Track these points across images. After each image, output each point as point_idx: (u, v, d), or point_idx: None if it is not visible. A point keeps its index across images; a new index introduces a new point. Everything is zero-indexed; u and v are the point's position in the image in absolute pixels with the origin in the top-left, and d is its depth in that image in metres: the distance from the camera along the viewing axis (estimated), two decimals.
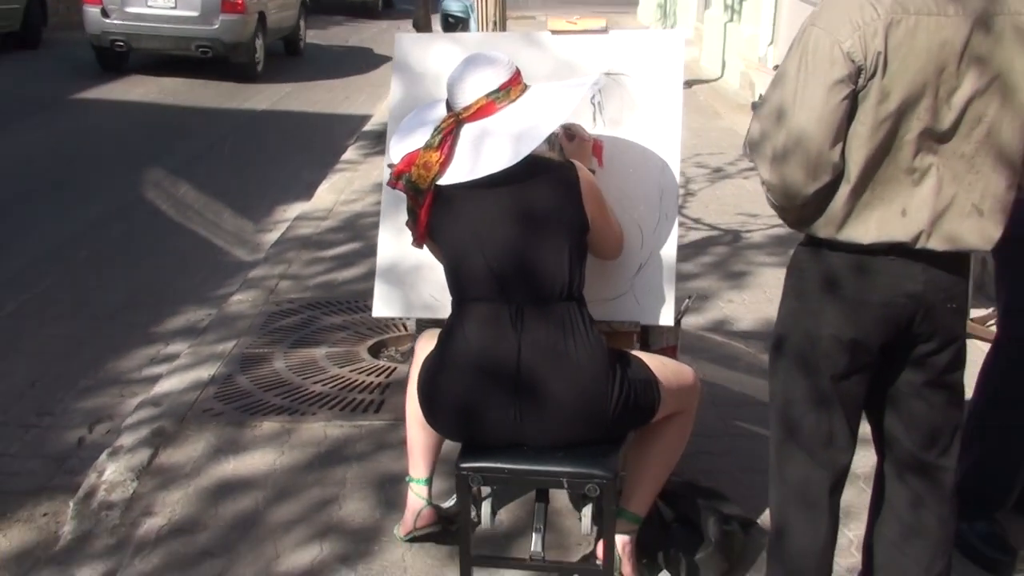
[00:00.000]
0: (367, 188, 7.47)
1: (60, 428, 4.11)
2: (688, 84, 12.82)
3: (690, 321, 4.89)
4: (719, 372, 4.34)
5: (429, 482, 3.05)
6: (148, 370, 4.63)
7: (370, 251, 5.80)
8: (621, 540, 2.82)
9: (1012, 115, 2.13)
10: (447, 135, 2.62)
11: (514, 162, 2.54)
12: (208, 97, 11.56)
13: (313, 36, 17.04)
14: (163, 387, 4.27)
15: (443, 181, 2.60)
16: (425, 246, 2.82)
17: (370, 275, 5.32)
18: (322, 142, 9.53)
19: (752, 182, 6.51)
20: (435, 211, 2.66)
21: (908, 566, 2.45)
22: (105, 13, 11.85)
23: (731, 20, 13.69)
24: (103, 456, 3.71)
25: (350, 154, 8.71)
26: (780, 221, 2.37)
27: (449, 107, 2.70)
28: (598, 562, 2.73)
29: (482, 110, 2.64)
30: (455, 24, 11.63)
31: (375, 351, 4.63)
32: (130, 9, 11.90)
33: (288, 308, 5.15)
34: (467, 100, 2.64)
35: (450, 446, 2.95)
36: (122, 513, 3.33)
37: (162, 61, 12.83)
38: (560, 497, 3.31)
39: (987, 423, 3.02)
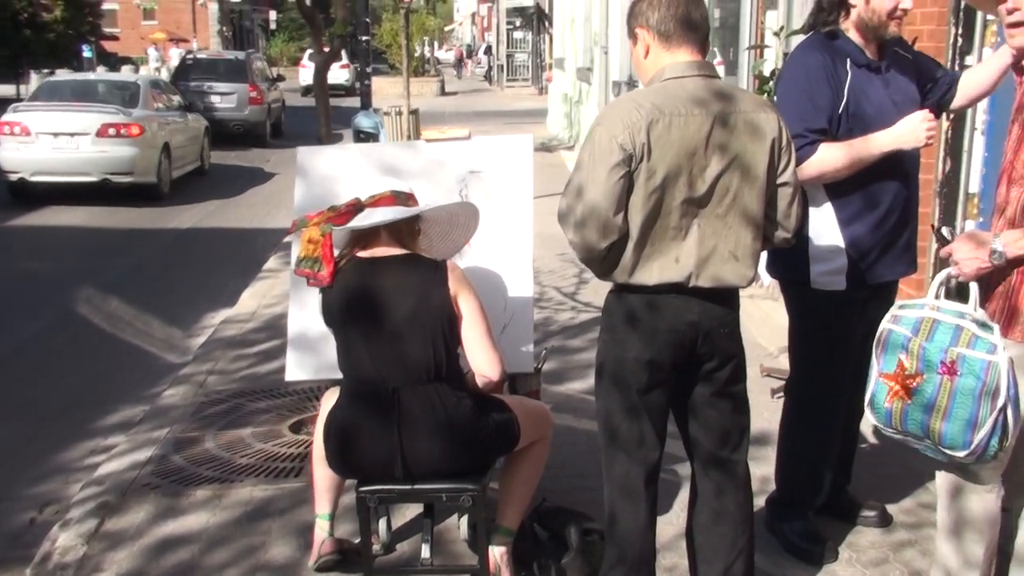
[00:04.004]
0: (287, 292, 8.03)
1: (13, 512, 4.58)
2: None
3: (575, 386, 5.57)
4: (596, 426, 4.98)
5: (331, 517, 3.63)
6: (90, 460, 5.11)
7: None
8: (499, 551, 3.43)
9: (750, 185, 2.85)
10: (350, 207, 3.34)
11: (395, 219, 3.27)
12: (134, 219, 12.15)
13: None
14: (105, 469, 4.77)
15: (338, 228, 3.29)
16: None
17: None
18: (245, 255, 10.14)
19: None
20: (331, 298, 3.29)
21: (718, 544, 3.08)
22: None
23: None
24: (55, 528, 4.18)
25: (271, 263, 9.32)
26: None
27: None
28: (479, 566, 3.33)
29: (383, 200, 3.33)
30: (366, 139, 12.42)
31: (296, 428, 5.19)
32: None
33: (216, 398, 5.69)
34: (374, 191, 3.34)
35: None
36: (75, 572, 3.79)
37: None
38: (452, 529, 3.90)
39: (790, 444, 3.73)
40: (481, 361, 3.27)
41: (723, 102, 2.82)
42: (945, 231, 3.17)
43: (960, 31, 4.91)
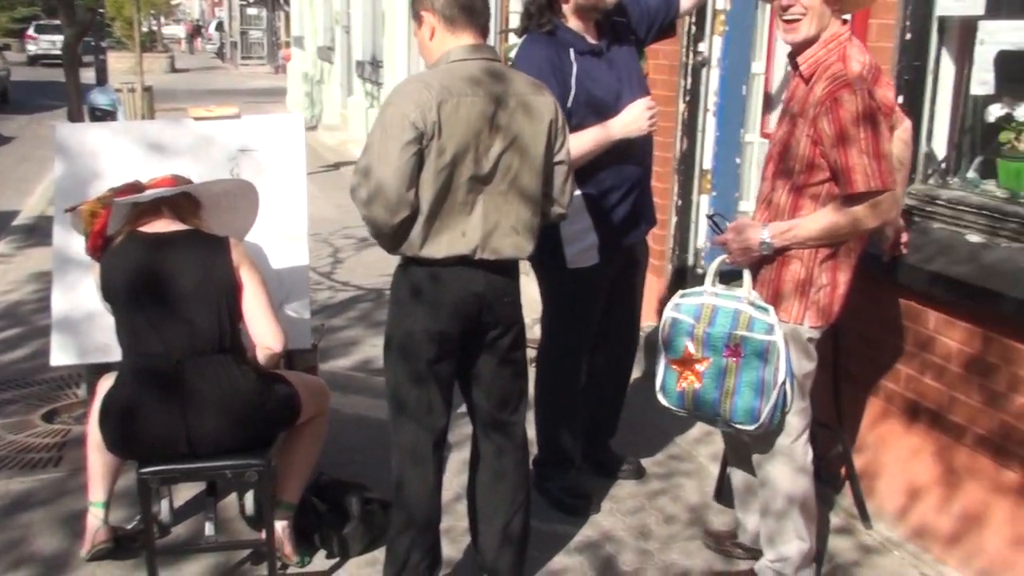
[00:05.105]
0: (23, 278, 7.62)
1: None
2: (336, 166, 13.67)
3: (340, 364, 5.64)
4: (365, 402, 5.08)
5: (106, 505, 3.54)
6: None
7: (33, 334, 6.10)
8: (280, 525, 3.47)
9: (529, 164, 3.02)
10: (129, 187, 3.29)
11: (176, 192, 3.26)
12: None
13: None
14: None
15: (120, 200, 3.24)
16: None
17: (35, 355, 5.67)
18: None
19: None
20: (108, 268, 3.22)
21: (499, 502, 3.26)
22: None
23: (371, 106, 14.75)
24: None
25: (2, 248, 8.77)
26: None
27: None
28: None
29: (163, 182, 3.31)
30: (102, 117, 11.84)
31: (48, 418, 4.96)
32: None
33: None
34: (155, 175, 3.29)
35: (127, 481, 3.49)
36: None
37: None
38: (231, 507, 3.90)
39: (546, 408, 3.97)
40: (264, 333, 3.29)
41: (505, 84, 2.98)
42: (717, 219, 3.46)
43: (694, 19, 5.30)
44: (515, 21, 7.65)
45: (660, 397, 3.31)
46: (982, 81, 3.66)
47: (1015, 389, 3.30)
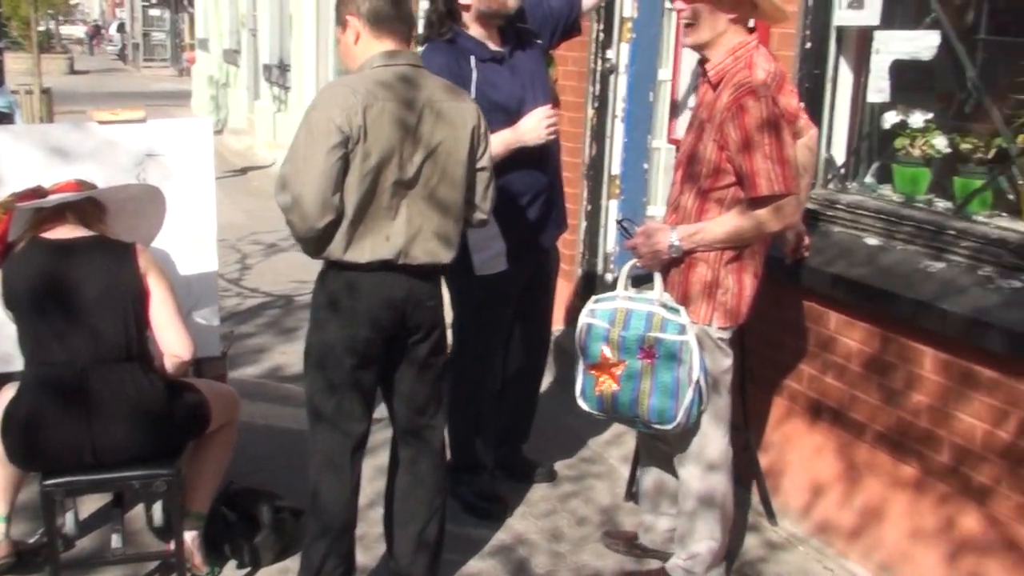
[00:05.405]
0: None
1: None
2: (244, 171, 13.49)
3: (249, 371, 5.57)
4: (275, 410, 5.03)
5: (7, 519, 3.45)
6: None
7: None
8: (190, 536, 3.42)
9: (452, 170, 3.04)
10: (31, 191, 3.24)
11: (80, 198, 3.22)
12: None
13: None
14: None
15: (23, 205, 3.18)
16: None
17: None
18: None
19: (303, 254, 7.33)
20: (10, 275, 3.15)
21: (416, 507, 3.26)
22: None
23: (279, 110, 14.59)
24: None
25: None
26: None
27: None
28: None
29: (67, 187, 3.26)
30: (0, 120, 11.50)
31: None
32: None
33: None
34: (58, 180, 3.24)
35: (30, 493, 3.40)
36: None
37: None
38: (138, 519, 3.83)
39: (456, 414, 3.96)
40: (172, 340, 3.25)
41: (429, 91, 3.00)
42: (627, 224, 3.51)
43: (602, 27, 5.38)
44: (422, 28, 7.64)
45: (580, 402, 3.35)
46: (878, 89, 3.79)
47: (911, 387, 3.42)
